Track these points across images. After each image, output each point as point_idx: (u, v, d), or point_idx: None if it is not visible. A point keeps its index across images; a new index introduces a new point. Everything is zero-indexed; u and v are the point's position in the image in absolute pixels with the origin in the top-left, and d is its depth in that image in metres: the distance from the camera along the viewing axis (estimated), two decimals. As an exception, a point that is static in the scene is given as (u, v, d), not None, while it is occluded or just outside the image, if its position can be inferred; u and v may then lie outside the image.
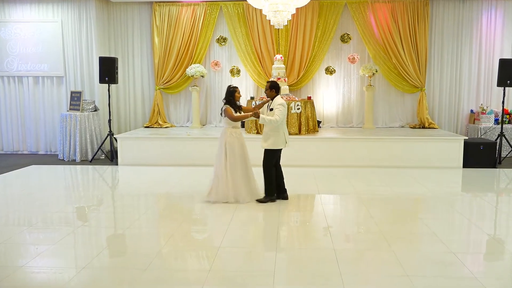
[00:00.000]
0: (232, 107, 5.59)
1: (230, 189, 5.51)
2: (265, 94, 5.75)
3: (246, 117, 5.52)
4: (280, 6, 7.26)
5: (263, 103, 5.82)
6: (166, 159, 8.22)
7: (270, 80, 5.72)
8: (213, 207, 5.45)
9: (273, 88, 5.63)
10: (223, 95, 10.36)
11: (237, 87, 5.67)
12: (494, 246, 4.31)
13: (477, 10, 9.62)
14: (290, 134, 8.27)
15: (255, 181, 5.77)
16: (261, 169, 5.70)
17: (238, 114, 5.58)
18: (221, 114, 5.63)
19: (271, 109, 5.57)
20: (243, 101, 9.66)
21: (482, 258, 4.07)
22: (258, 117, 5.41)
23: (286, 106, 5.58)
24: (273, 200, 5.68)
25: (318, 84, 10.08)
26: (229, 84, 5.83)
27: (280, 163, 5.81)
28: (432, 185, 6.74)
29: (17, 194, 6.31)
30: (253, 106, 5.95)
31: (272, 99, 5.64)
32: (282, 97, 5.82)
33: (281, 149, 5.70)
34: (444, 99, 9.84)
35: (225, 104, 5.60)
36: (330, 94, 10.06)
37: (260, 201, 5.64)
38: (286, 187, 5.86)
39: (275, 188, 5.70)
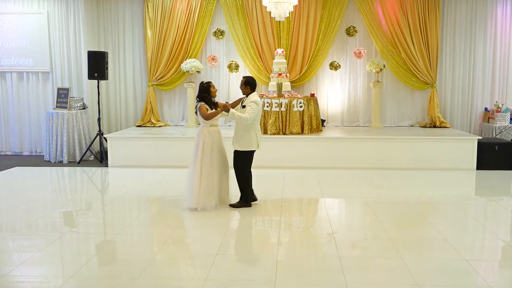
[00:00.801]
0: (208, 104, 5.52)
1: (201, 195, 5.41)
2: (240, 90, 5.66)
3: (218, 113, 5.46)
4: (281, -3, 7.27)
5: (239, 100, 5.75)
6: (159, 160, 8.21)
7: (245, 75, 5.66)
8: (210, 212, 5.44)
9: (248, 85, 5.52)
10: (221, 92, 10.52)
11: (211, 82, 5.61)
12: (509, 253, 4.31)
13: (492, 1, 9.63)
14: (292, 133, 8.29)
15: (228, 186, 5.69)
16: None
17: (211, 111, 5.51)
18: (196, 112, 5.58)
19: (244, 106, 5.49)
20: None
21: (497, 266, 4.07)
22: (228, 111, 5.36)
23: (260, 104, 5.51)
24: (248, 206, 5.61)
25: (322, 80, 10.07)
26: (202, 81, 5.75)
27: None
28: (444, 188, 6.74)
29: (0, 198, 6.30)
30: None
31: (246, 96, 5.56)
32: (260, 95, 5.75)
33: (254, 151, 5.60)
34: (457, 96, 9.85)
35: (199, 101, 5.53)
36: (334, 91, 10.06)
37: (233, 206, 5.59)
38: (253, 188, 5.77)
39: (251, 194, 5.64)
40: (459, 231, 4.93)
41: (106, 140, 8.60)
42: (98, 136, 8.81)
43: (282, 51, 9.24)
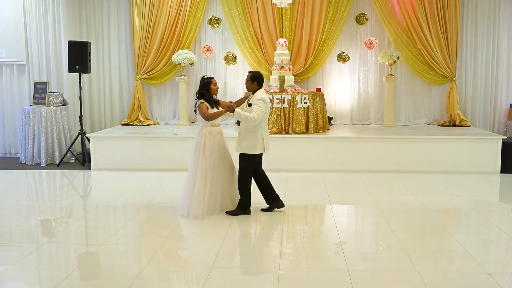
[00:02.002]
0: (208, 102, 5.52)
1: (198, 201, 5.40)
2: (245, 86, 5.65)
3: (221, 113, 5.46)
4: (284, -19, 7.28)
5: (245, 98, 5.75)
6: (148, 163, 8.21)
7: (251, 70, 5.66)
8: (205, 220, 5.44)
9: (254, 80, 5.51)
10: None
11: (213, 78, 5.60)
12: (538, 266, 4.32)
13: (518, -15, 9.65)
14: (296, 133, 8.28)
15: (235, 191, 5.70)
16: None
17: (213, 110, 5.51)
18: (195, 111, 5.57)
19: (250, 105, 5.48)
20: (240, 94, 9.67)
21: (523, 280, 4.08)
22: (233, 111, 5.36)
23: (269, 102, 5.50)
24: (246, 213, 5.60)
25: (329, 74, 10.07)
26: (203, 75, 5.74)
27: (264, 168, 5.72)
28: (465, 194, 6.74)
29: (-29, 204, 6.30)
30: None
31: (253, 93, 5.56)
32: (267, 91, 5.75)
33: (260, 154, 5.60)
34: (479, 91, 9.85)
35: (198, 99, 5.52)
36: (343, 85, 10.06)
37: (230, 213, 5.58)
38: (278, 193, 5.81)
39: (250, 201, 5.62)
40: (482, 241, 4.92)
41: (88, 140, 8.59)
42: (80, 136, 8.80)
43: (285, 41, 9.24)
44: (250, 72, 5.66)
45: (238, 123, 6.27)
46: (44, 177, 8.04)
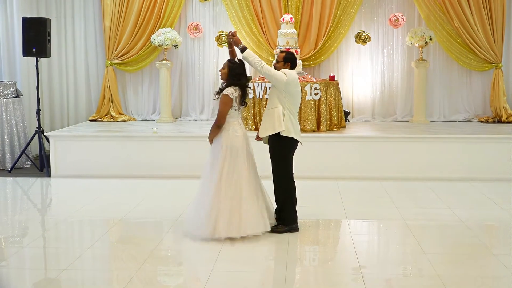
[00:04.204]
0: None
1: (237, 219, 5.33)
2: (275, 69, 5.66)
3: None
4: None
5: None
6: (121, 168, 8.19)
7: (283, 50, 5.70)
8: (191, 239, 5.41)
9: (288, 61, 5.59)
10: (208, 73, 10.49)
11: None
12: None
13: None
14: (305, 131, 8.26)
15: (268, 200, 5.68)
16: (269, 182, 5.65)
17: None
18: (217, 97, 5.50)
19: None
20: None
21: None
22: (239, 43, 5.43)
23: (293, 82, 5.45)
24: (294, 230, 5.60)
25: (345, 58, 10.08)
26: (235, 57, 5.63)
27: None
28: (513, 207, 6.75)
29: None
30: None
31: None
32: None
33: (295, 143, 5.57)
34: (530, 79, 9.88)
35: (226, 86, 5.47)
36: (362, 73, 10.06)
37: (276, 231, 5.56)
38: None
39: (295, 212, 5.64)
40: (534, 265, 4.92)
41: (48, 140, 8.58)
42: (37, 135, 8.78)
43: (291, 18, 9.23)
44: (282, 52, 5.72)
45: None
46: (-8, 186, 8.03)
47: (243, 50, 5.45)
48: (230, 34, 5.54)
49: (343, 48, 10.04)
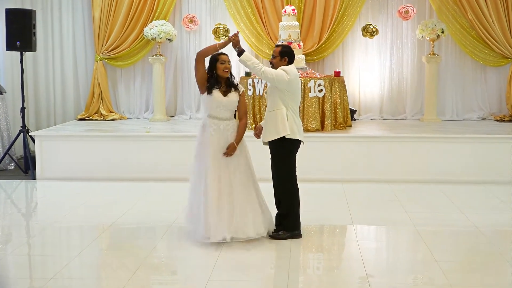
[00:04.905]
0: (210, 84, 5.63)
1: (221, 220, 5.36)
2: (271, 66, 5.67)
3: (215, 48, 5.64)
4: None
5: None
6: (112, 170, 8.20)
7: (278, 43, 5.69)
8: (187, 245, 5.42)
9: (285, 56, 5.56)
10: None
11: (223, 54, 5.58)
12: None
13: None
14: (308, 130, 8.25)
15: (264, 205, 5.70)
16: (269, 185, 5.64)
17: (219, 95, 5.59)
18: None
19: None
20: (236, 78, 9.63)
21: None
22: (237, 43, 5.41)
23: (294, 80, 5.45)
24: (296, 236, 5.60)
25: (351, 53, 10.09)
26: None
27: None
28: (531, 211, 6.75)
29: None
30: None
31: None
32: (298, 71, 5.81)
33: (297, 144, 5.57)
34: (549, 75, 9.88)
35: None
36: (370, 68, 10.07)
37: (277, 237, 5.57)
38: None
39: (298, 218, 5.63)
40: (554, 273, 4.92)
41: (33, 141, 8.58)
42: (22, 135, 8.77)
43: (293, 10, 9.23)
44: (277, 46, 5.71)
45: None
46: (-26, 189, 8.03)
47: (240, 53, 5.43)
48: (234, 35, 5.50)
49: (349, 41, 10.05)
